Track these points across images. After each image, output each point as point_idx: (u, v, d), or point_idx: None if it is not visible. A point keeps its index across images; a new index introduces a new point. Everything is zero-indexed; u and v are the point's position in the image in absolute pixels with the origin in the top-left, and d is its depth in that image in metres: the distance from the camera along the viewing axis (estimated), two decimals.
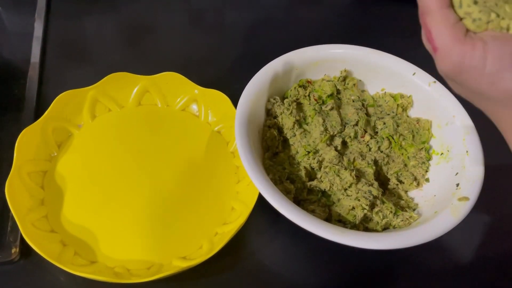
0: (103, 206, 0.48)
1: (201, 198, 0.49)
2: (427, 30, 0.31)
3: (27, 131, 0.48)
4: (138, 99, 0.55)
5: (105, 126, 0.53)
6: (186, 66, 0.56)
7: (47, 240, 0.44)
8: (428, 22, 0.31)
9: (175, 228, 0.47)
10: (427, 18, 0.31)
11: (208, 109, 0.55)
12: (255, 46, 0.66)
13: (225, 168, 0.52)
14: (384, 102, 0.53)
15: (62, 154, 0.50)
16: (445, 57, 0.30)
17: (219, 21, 0.70)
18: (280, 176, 0.46)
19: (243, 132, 0.44)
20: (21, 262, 0.45)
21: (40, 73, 0.58)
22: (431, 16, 0.30)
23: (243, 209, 0.47)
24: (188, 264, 0.43)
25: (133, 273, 0.44)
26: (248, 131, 0.45)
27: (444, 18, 0.30)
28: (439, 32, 0.30)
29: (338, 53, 0.53)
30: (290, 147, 0.49)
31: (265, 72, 0.50)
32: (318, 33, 0.68)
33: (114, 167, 0.50)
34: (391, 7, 0.73)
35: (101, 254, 0.45)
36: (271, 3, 0.73)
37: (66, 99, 0.51)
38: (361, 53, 0.53)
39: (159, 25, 0.67)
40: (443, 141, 0.50)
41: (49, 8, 0.66)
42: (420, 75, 0.51)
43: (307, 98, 0.52)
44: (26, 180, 0.46)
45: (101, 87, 0.53)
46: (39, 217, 0.45)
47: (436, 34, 0.30)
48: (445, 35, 0.30)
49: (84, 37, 0.65)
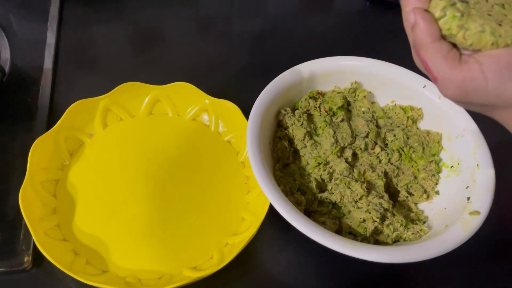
0: (114, 215, 0.48)
1: (211, 208, 0.50)
2: (423, 62, 0.32)
3: (40, 140, 0.48)
4: (149, 108, 0.55)
5: (116, 135, 0.54)
6: (194, 74, 0.56)
7: (59, 249, 0.44)
8: (423, 56, 0.32)
9: (186, 238, 0.47)
10: (422, 52, 0.32)
11: (219, 119, 0.55)
12: (264, 55, 0.66)
13: (235, 178, 0.52)
14: (394, 114, 0.53)
15: (74, 163, 0.51)
16: (446, 85, 0.32)
17: (228, 30, 0.71)
18: (291, 188, 0.47)
19: (255, 143, 0.45)
20: (33, 271, 0.45)
21: (53, 80, 0.59)
22: (425, 50, 0.32)
23: (253, 220, 0.47)
24: (199, 274, 0.43)
25: (144, 283, 0.44)
26: (259, 143, 0.45)
27: (438, 50, 0.31)
28: (435, 63, 0.31)
29: (348, 65, 0.53)
30: (301, 158, 0.49)
31: (276, 84, 0.50)
32: (327, 42, 0.68)
33: (125, 176, 0.51)
34: (400, 17, 0.72)
35: (112, 263, 0.45)
36: (279, 12, 0.73)
37: (79, 109, 0.52)
38: (371, 65, 0.53)
39: (168, 34, 0.68)
40: (453, 154, 0.50)
41: (61, 16, 0.67)
42: (430, 88, 0.51)
43: (317, 109, 0.52)
44: (38, 189, 0.47)
45: (113, 97, 0.53)
46: (51, 226, 0.46)
47: (432, 66, 0.32)
48: (442, 65, 0.31)
49: (95, 45, 0.66)
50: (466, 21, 0.31)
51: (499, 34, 0.31)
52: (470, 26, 0.31)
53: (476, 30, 0.31)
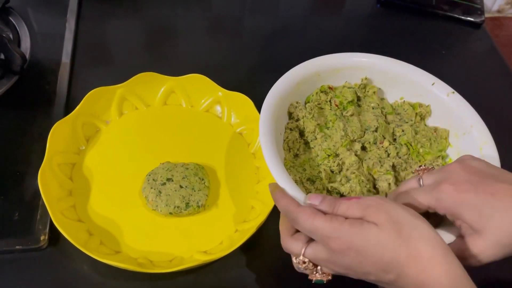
0: (127, 199, 0.49)
1: (222, 197, 0.51)
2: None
3: (59, 125, 0.50)
4: (164, 99, 0.57)
5: (131, 124, 0.55)
6: (206, 69, 0.58)
7: (75, 229, 0.45)
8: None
9: (197, 224, 0.49)
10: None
11: (231, 111, 0.56)
12: (273, 53, 0.68)
13: (246, 168, 0.53)
14: (402, 110, 0.55)
15: (90, 148, 0.52)
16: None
17: (239, 28, 0.72)
18: (301, 177, 0.48)
19: (267, 132, 0.46)
20: (48, 250, 0.46)
21: (70, 71, 0.61)
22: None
23: (263, 209, 0.48)
24: (208, 258, 0.44)
25: (155, 264, 0.45)
26: (271, 132, 0.47)
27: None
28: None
29: (359, 61, 0.54)
30: (311, 150, 0.51)
31: (288, 77, 0.51)
32: (337, 43, 0.70)
33: (139, 162, 0.52)
34: (410, 20, 0.74)
35: (125, 244, 0.46)
36: (290, 13, 0.75)
37: (96, 96, 0.53)
38: (381, 62, 0.54)
39: (181, 30, 0.70)
40: (460, 150, 0.51)
41: (80, 11, 0.69)
42: (438, 86, 0.53)
43: (328, 103, 0.53)
44: (56, 171, 0.48)
45: (129, 86, 0.55)
46: (67, 206, 0.47)
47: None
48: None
49: (112, 40, 0.67)
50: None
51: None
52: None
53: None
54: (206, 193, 0.49)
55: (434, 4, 0.75)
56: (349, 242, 0.34)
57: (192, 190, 0.48)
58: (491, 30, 0.86)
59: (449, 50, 0.72)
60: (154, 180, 0.49)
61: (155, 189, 0.48)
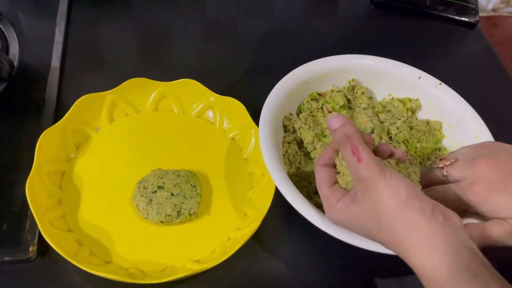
0: (118, 208, 0.49)
1: (215, 204, 0.50)
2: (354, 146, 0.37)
3: (48, 132, 0.49)
4: (155, 104, 0.56)
5: (122, 130, 0.54)
6: (200, 73, 0.57)
7: (64, 239, 0.44)
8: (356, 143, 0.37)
9: (189, 232, 0.48)
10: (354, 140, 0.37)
11: (223, 116, 0.56)
12: (269, 56, 0.67)
13: (239, 174, 0.52)
14: (393, 107, 0.54)
15: (80, 156, 0.52)
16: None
17: (233, 31, 0.71)
18: (308, 191, 0.47)
19: (270, 150, 0.45)
20: (38, 261, 0.45)
21: (60, 77, 0.60)
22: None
23: (256, 215, 0.47)
24: (200, 267, 0.44)
25: (146, 274, 0.44)
26: (275, 152, 0.46)
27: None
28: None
29: (344, 64, 0.54)
30: (312, 161, 0.50)
31: (280, 89, 0.50)
32: (331, 44, 0.69)
33: (130, 170, 0.51)
34: (405, 20, 0.74)
35: (116, 254, 0.45)
36: (284, 15, 0.74)
37: (86, 102, 0.52)
38: (366, 61, 0.54)
39: (174, 33, 0.69)
40: (455, 140, 0.51)
41: (70, 15, 0.68)
42: (425, 79, 0.53)
43: (320, 110, 0.53)
44: (45, 180, 0.47)
45: (120, 92, 0.54)
46: (56, 216, 0.46)
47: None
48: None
49: (103, 44, 0.66)
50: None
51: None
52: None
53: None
54: (198, 201, 0.48)
55: (429, 4, 0.75)
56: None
57: (183, 198, 0.48)
58: (486, 29, 0.85)
59: (444, 51, 0.71)
60: (145, 188, 0.48)
61: (146, 197, 0.47)
